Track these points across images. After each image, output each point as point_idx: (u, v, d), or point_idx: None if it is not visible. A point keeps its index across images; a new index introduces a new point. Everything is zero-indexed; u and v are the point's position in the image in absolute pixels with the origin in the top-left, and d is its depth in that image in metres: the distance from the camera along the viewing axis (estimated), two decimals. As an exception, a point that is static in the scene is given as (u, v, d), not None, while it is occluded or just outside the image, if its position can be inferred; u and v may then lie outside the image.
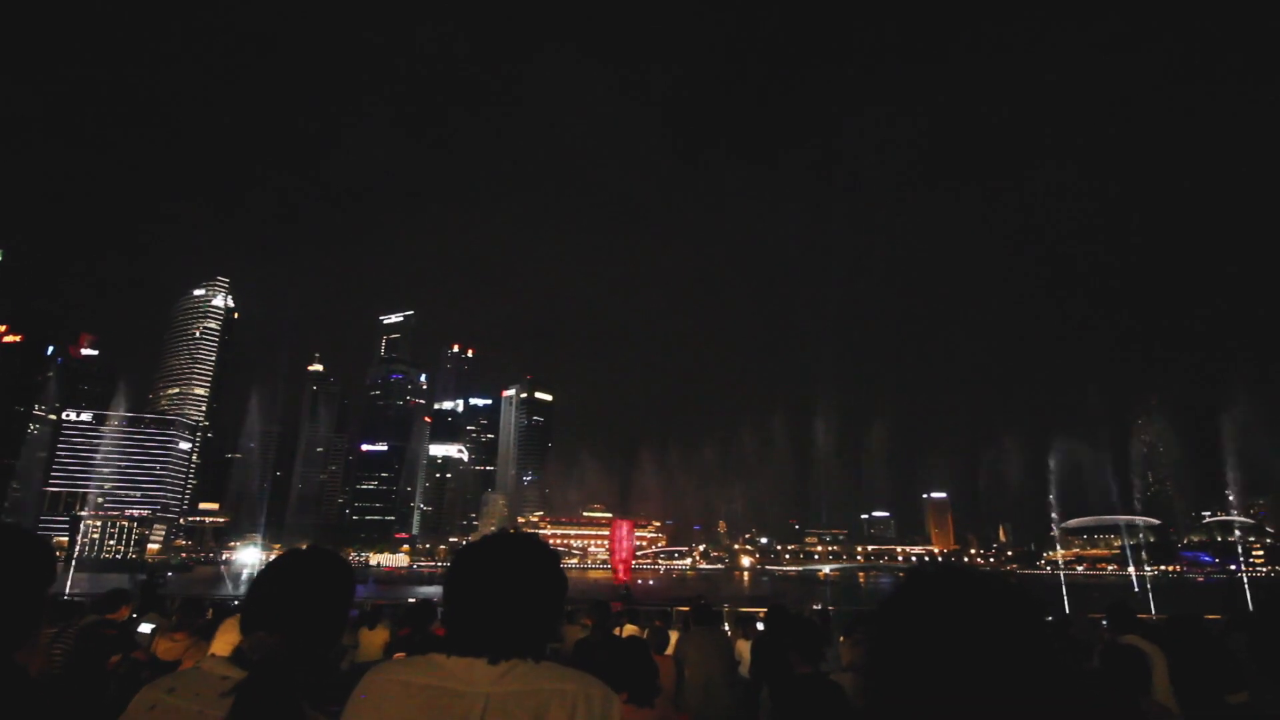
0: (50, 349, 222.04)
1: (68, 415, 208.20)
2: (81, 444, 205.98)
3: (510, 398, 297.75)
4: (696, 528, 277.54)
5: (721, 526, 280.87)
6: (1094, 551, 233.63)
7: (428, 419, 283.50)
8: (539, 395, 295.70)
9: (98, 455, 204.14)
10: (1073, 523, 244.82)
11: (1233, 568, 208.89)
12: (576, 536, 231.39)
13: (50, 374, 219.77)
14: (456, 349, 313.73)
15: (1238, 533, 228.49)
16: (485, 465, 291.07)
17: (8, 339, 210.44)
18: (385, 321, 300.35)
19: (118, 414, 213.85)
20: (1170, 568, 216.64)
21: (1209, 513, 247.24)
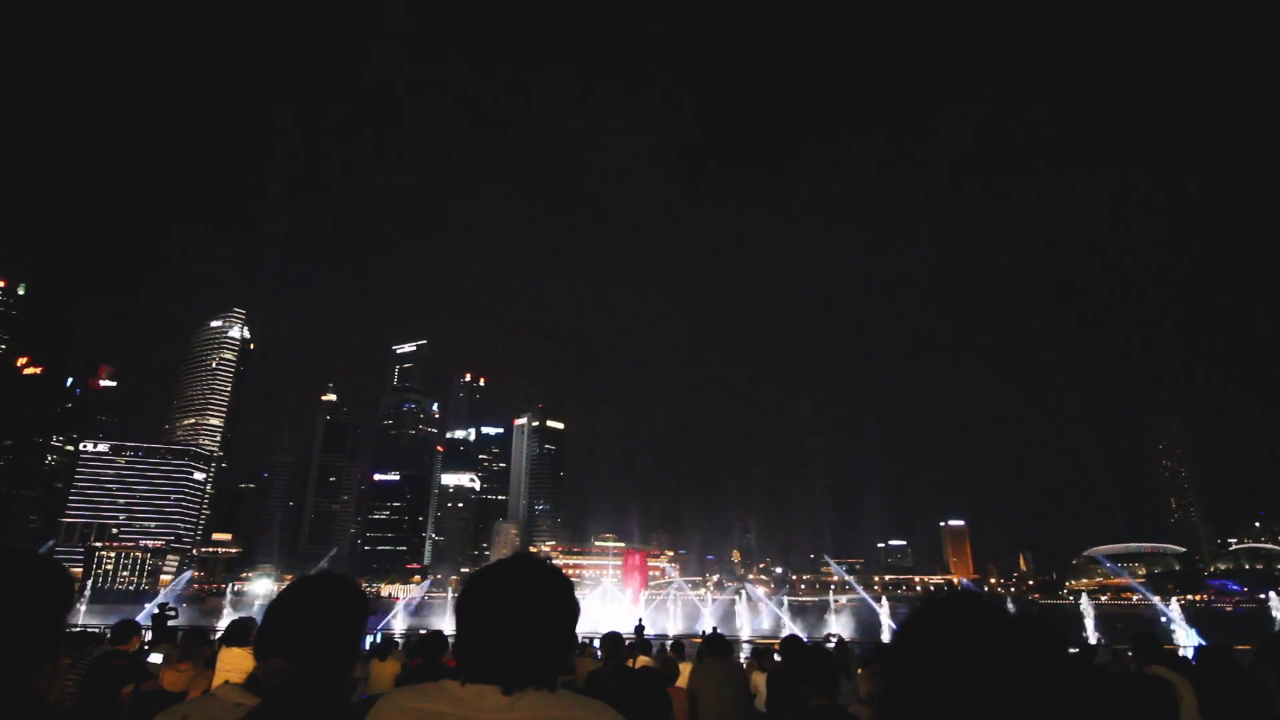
0: (70, 380, 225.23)
1: (85, 446, 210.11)
2: (98, 475, 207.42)
3: (522, 426, 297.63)
4: (710, 557, 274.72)
5: (735, 556, 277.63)
6: (1118, 580, 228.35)
7: (440, 448, 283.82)
8: (550, 424, 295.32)
9: (114, 486, 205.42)
10: (1096, 550, 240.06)
11: (1263, 596, 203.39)
12: (589, 566, 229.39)
13: (69, 405, 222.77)
14: (468, 378, 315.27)
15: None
16: (497, 494, 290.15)
17: (29, 371, 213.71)
18: (398, 351, 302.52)
19: (134, 444, 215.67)
20: (1197, 596, 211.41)
21: (1235, 540, 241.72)
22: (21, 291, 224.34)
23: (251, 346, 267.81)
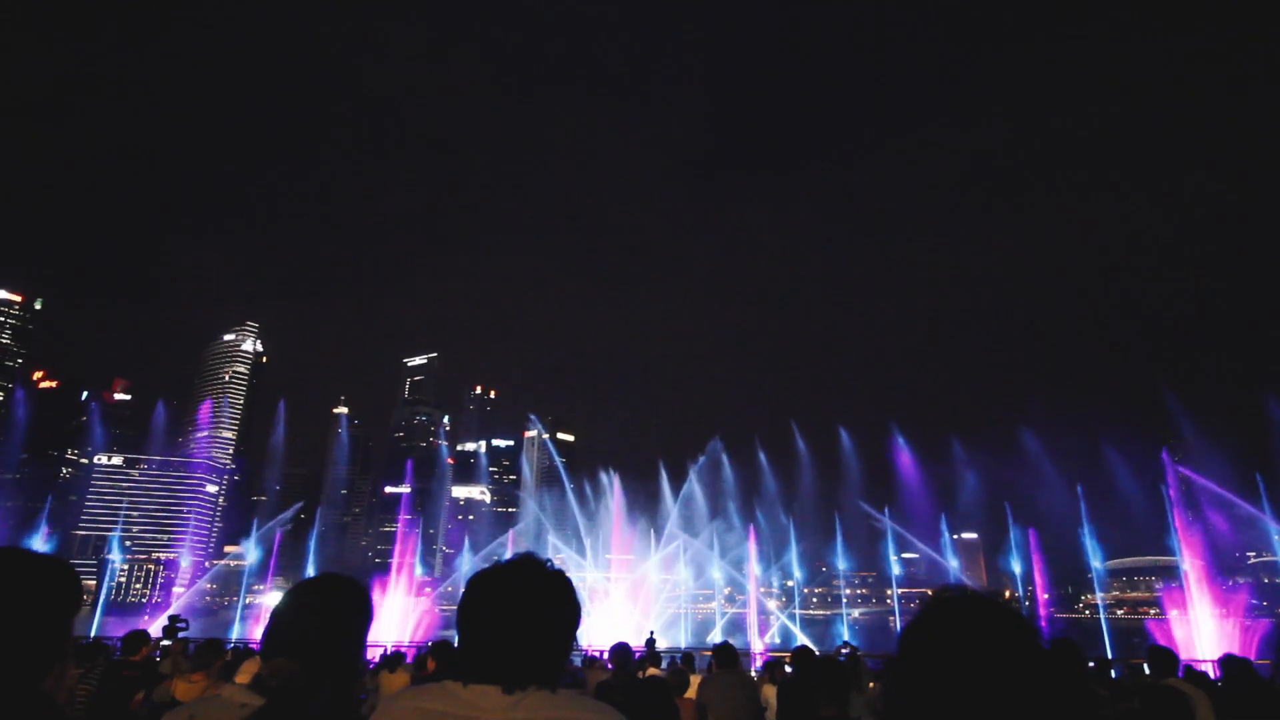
0: (85, 394, 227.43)
1: (99, 459, 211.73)
2: (112, 487, 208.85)
3: (532, 439, 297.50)
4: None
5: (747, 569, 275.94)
6: (1134, 594, 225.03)
7: (451, 460, 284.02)
8: (561, 436, 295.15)
9: (127, 499, 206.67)
10: (1112, 564, 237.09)
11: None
12: (601, 577, 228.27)
13: (84, 418, 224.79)
14: (479, 390, 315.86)
15: None
16: (508, 507, 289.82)
17: (45, 385, 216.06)
18: (409, 364, 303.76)
19: (147, 457, 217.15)
20: (1214, 610, 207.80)
21: (1254, 553, 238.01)
22: (38, 306, 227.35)
23: (264, 360, 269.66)
